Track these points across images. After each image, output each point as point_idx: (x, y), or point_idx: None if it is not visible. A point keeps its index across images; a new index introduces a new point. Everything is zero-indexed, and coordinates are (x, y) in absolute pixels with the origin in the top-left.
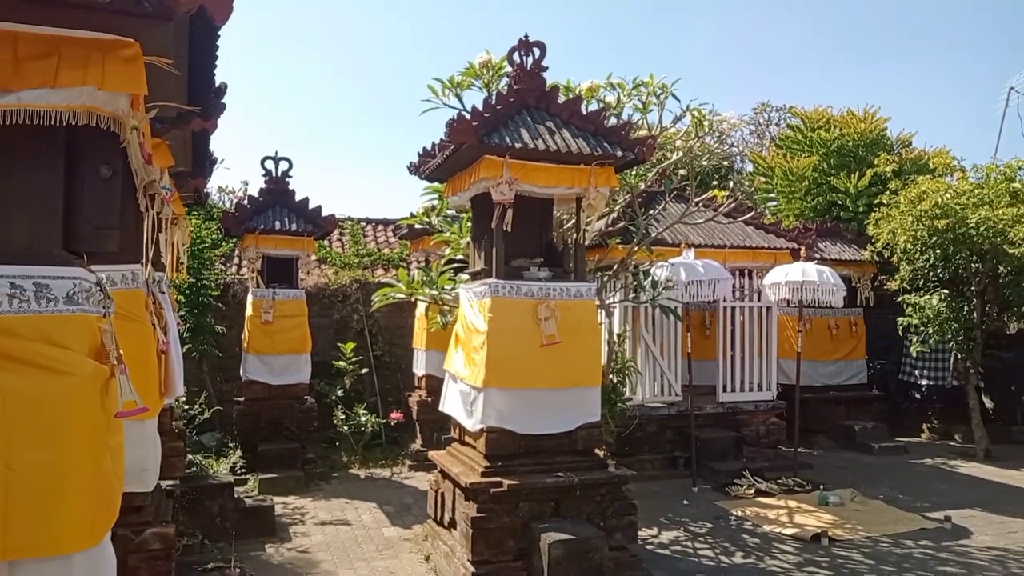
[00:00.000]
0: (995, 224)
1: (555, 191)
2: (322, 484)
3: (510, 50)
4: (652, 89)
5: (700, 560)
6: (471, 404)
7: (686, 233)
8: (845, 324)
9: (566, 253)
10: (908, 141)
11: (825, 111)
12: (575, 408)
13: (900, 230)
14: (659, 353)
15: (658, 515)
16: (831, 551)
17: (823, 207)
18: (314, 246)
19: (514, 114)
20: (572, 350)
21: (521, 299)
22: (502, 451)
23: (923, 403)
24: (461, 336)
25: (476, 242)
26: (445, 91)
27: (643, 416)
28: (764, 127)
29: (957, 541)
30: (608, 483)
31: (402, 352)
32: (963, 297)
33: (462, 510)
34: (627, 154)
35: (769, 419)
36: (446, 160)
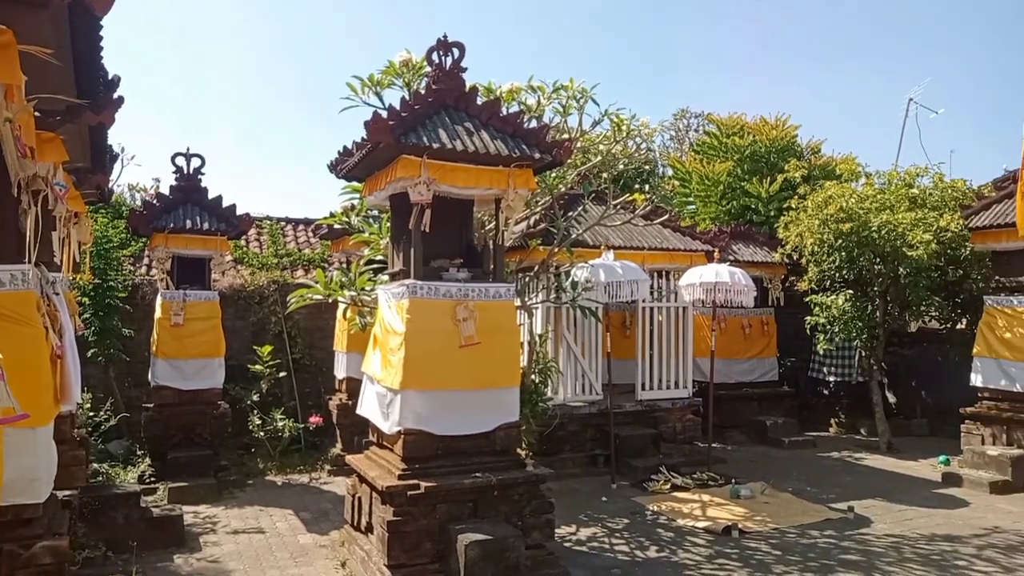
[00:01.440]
0: (895, 228)
1: (474, 192)
2: (236, 492)
3: (429, 50)
4: (572, 93)
5: (616, 555)
6: (388, 406)
7: (606, 235)
8: (757, 323)
9: (486, 254)
10: (817, 148)
11: (739, 118)
12: (494, 408)
13: (808, 233)
14: (580, 353)
15: (577, 512)
16: (741, 543)
17: (737, 211)
18: (228, 246)
19: (432, 114)
20: (491, 351)
21: (440, 300)
22: (420, 453)
23: (831, 399)
24: (379, 337)
25: (395, 242)
26: (365, 89)
27: (564, 415)
28: (684, 133)
29: (858, 530)
30: (526, 482)
31: (323, 355)
32: (867, 297)
33: (379, 514)
34: (545, 156)
35: (685, 416)
36: (363, 159)
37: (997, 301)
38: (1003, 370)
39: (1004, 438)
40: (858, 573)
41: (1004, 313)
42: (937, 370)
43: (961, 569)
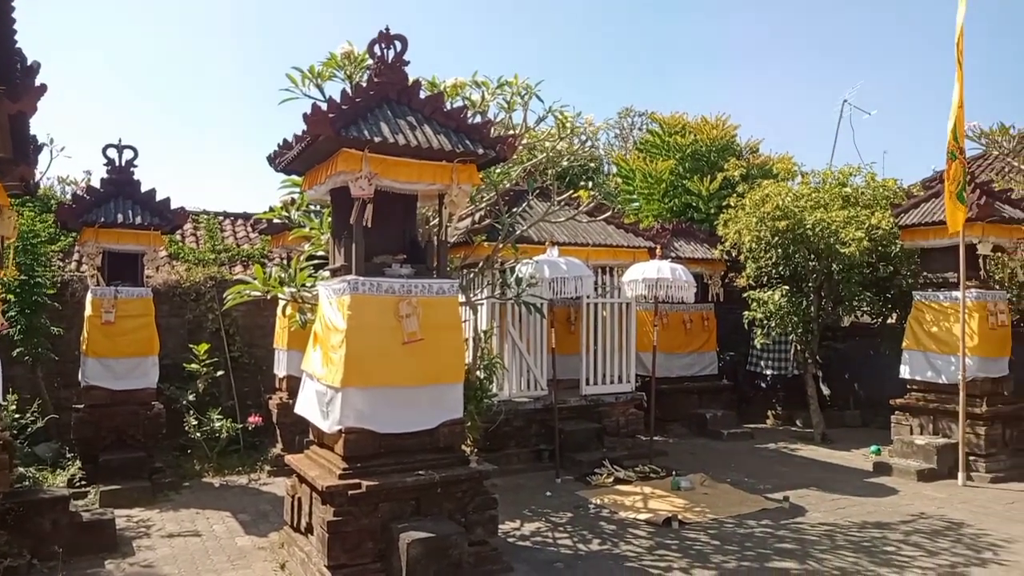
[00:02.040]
0: (829, 225)
1: (417, 187)
2: (171, 494)
3: (370, 42)
4: (517, 89)
5: (559, 549)
6: (328, 405)
7: (551, 231)
8: (698, 318)
9: (430, 250)
10: (755, 147)
11: (681, 117)
12: (437, 405)
13: (746, 230)
14: (526, 349)
15: (522, 508)
16: (681, 534)
17: (679, 208)
18: (162, 241)
19: (374, 107)
20: (434, 347)
21: (382, 296)
22: (361, 452)
23: (768, 391)
24: (319, 334)
25: (336, 238)
26: (305, 81)
27: (510, 411)
28: (628, 131)
29: (794, 519)
30: (470, 479)
31: (263, 353)
32: (802, 293)
33: (319, 514)
34: (489, 152)
35: (628, 410)
36: (303, 152)
37: (925, 296)
38: (930, 363)
39: (931, 428)
40: (793, 561)
41: (931, 308)
42: (869, 363)
43: (890, 555)
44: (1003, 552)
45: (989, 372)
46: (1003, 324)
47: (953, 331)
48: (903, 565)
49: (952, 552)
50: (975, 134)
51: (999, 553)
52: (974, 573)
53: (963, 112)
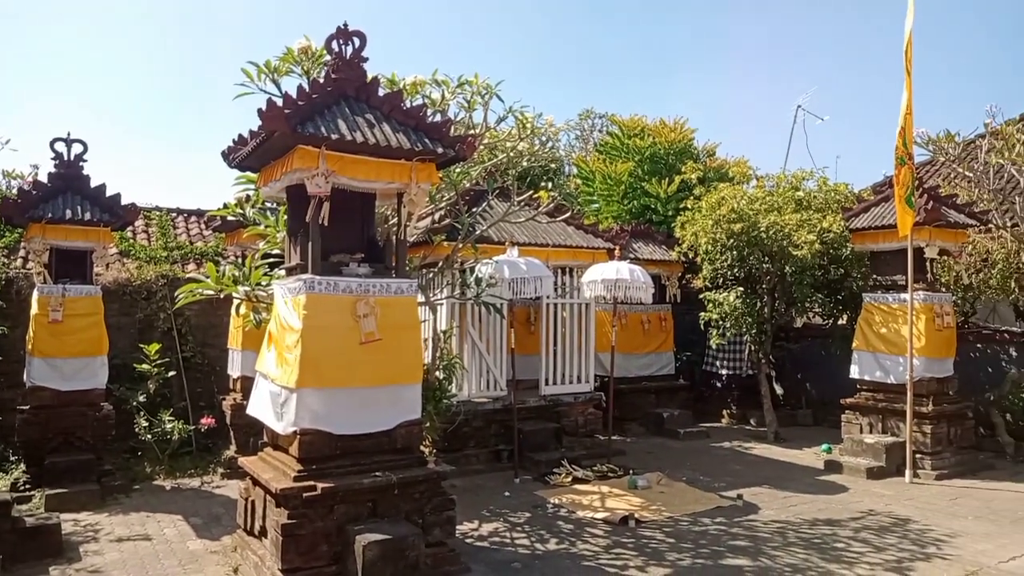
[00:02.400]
0: (782, 228)
1: (375, 185)
2: (121, 498)
3: (328, 38)
4: (477, 88)
5: (517, 549)
6: (283, 406)
7: (511, 232)
8: (656, 319)
9: (388, 249)
10: (712, 151)
11: (640, 120)
12: (395, 406)
13: (702, 233)
14: (485, 349)
15: (480, 508)
16: (637, 532)
17: (638, 210)
18: (112, 238)
19: (332, 104)
20: (392, 347)
21: (339, 296)
22: (317, 454)
23: (723, 391)
24: (274, 334)
25: (292, 236)
26: (261, 76)
27: (469, 411)
28: (588, 133)
29: (747, 516)
30: (427, 480)
31: (216, 353)
32: (756, 294)
33: (272, 517)
34: (448, 151)
35: (587, 410)
36: (258, 148)
37: (874, 298)
38: (879, 363)
39: (880, 426)
40: (746, 558)
41: (880, 309)
42: (820, 363)
43: (839, 551)
44: (946, 547)
45: (935, 372)
46: (948, 326)
47: (901, 332)
48: (852, 561)
49: (899, 548)
50: (923, 141)
51: (942, 548)
52: (919, 567)
53: (912, 119)
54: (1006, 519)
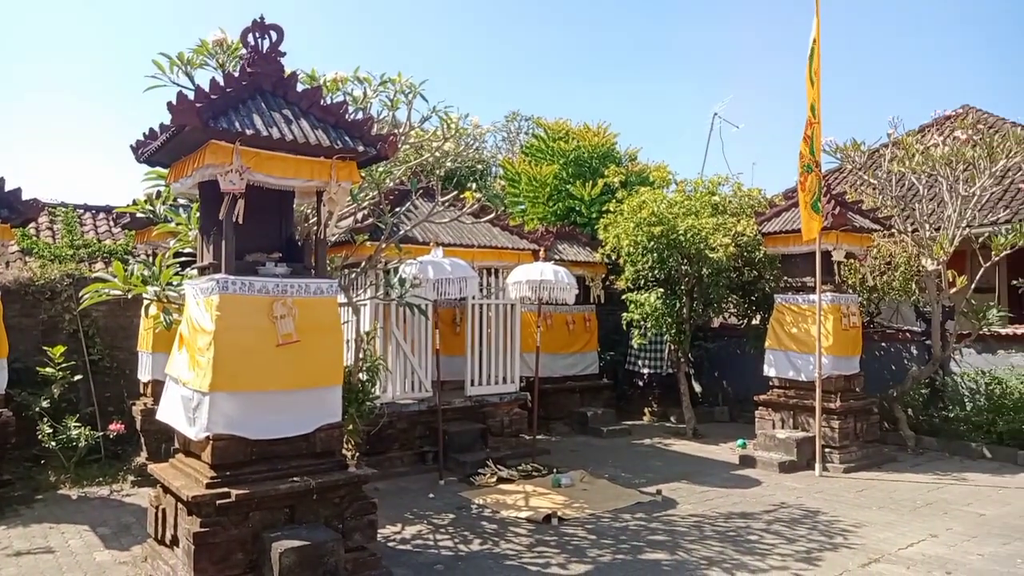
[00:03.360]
0: (699, 232)
1: (293, 183)
2: (21, 509)
3: (244, 31)
4: (400, 87)
5: (440, 551)
6: (195, 410)
7: (436, 232)
8: (580, 320)
9: (308, 248)
10: (634, 156)
11: (565, 123)
12: (314, 409)
13: (624, 235)
14: (410, 350)
15: (403, 511)
16: (560, 530)
17: (563, 212)
18: (12, 235)
19: (247, 98)
20: (311, 349)
21: (254, 296)
22: (231, 459)
23: (645, 389)
24: (186, 336)
25: (205, 234)
26: (173, 68)
27: (393, 413)
28: (515, 135)
29: (666, 511)
30: (348, 484)
31: (126, 356)
32: (675, 295)
33: (184, 526)
34: (370, 149)
35: (513, 410)
36: (168, 143)
37: (785, 299)
38: (790, 361)
39: (791, 422)
40: (664, 552)
41: (791, 310)
42: (736, 362)
43: (753, 543)
44: (852, 537)
45: (843, 370)
46: (855, 325)
47: (810, 332)
48: (765, 553)
49: (808, 539)
50: (831, 149)
51: (849, 538)
52: (827, 557)
53: (820, 127)
54: (906, 508)
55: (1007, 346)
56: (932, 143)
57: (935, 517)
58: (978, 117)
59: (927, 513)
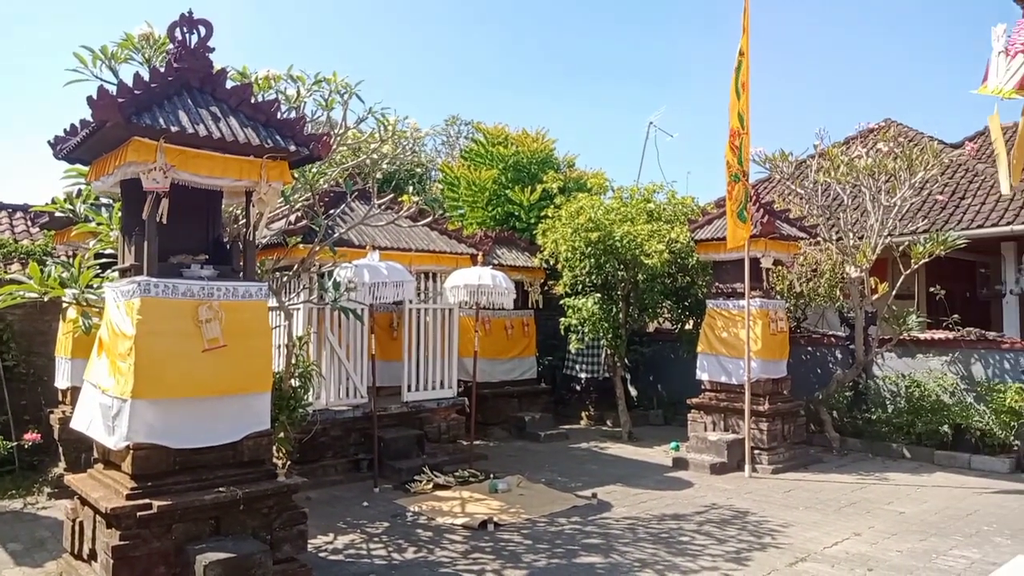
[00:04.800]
0: (635, 238)
1: (221, 182)
2: None
3: (171, 25)
4: (336, 87)
5: (373, 560)
6: (114, 418)
7: (373, 235)
8: (519, 324)
9: (236, 250)
10: (572, 162)
11: (503, 129)
12: (241, 416)
13: (562, 240)
14: (345, 355)
15: (336, 520)
16: (496, 536)
17: (502, 217)
18: None
19: (173, 94)
20: (239, 354)
21: (178, 300)
22: (153, 470)
23: (582, 394)
24: (106, 341)
25: (126, 234)
26: (97, 63)
27: (327, 420)
28: (455, 139)
29: (600, 515)
30: (276, 494)
31: (44, 362)
32: (612, 300)
33: (103, 539)
34: (302, 149)
35: (450, 415)
36: (88, 139)
37: (716, 304)
38: (721, 365)
39: (722, 425)
40: (598, 555)
41: (722, 315)
42: (671, 366)
43: (684, 544)
44: (780, 536)
45: (771, 374)
46: (782, 330)
47: (740, 336)
48: (696, 554)
49: (738, 539)
50: (760, 159)
51: (776, 537)
52: (755, 557)
53: (749, 137)
54: (831, 508)
55: (925, 350)
56: (856, 155)
57: (858, 516)
58: (899, 131)
59: (851, 512)
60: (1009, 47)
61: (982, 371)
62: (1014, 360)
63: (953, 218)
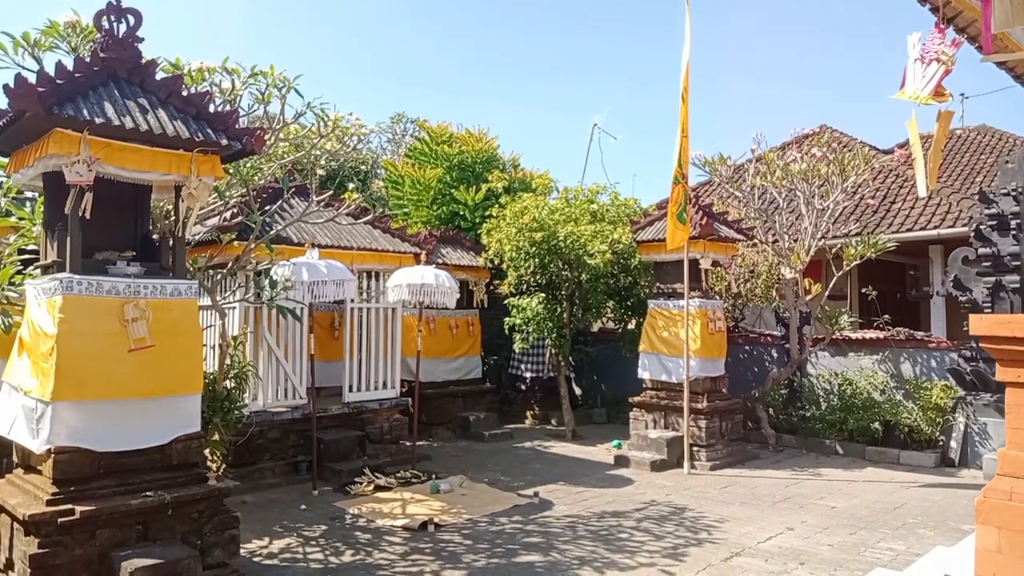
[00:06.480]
0: (578, 238)
1: (149, 176)
2: None
3: (98, 13)
4: (273, 80)
5: (309, 565)
6: (37, 421)
7: (313, 233)
8: (464, 324)
9: (166, 247)
10: (517, 162)
11: (446, 128)
12: (170, 419)
13: (506, 240)
14: (283, 355)
15: (272, 524)
16: (436, 536)
17: (447, 216)
18: None
19: (99, 85)
20: (167, 355)
21: (102, 297)
22: (76, 474)
23: (527, 393)
24: (27, 341)
25: (49, 230)
26: (18, 49)
27: (264, 422)
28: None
29: (541, 513)
30: (207, 498)
31: None
32: (556, 300)
33: (21, 548)
34: (234, 143)
35: (393, 416)
36: (5, 129)
37: (658, 304)
38: (662, 364)
39: (663, 423)
40: (538, 554)
41: (663, 315)
42: (614, 364)
43: (623, 541)
44: (716, 532)
45: (709, 372)
46: (720, 330)
47: (680, 335)
48: (634, 550)
49: (675, 535)
50: (700, 162)
51: (712, 533)
52: (692, 552)
53: (688, 141)
54: (766, 503)
55: (857, 349)
56: (791, 159)
57: (792, 511)
58: (833, 137)
59: (785, 507)
60: (924, 55)
61: (911, 369)
62: (940, 359)
63: (884, 222)
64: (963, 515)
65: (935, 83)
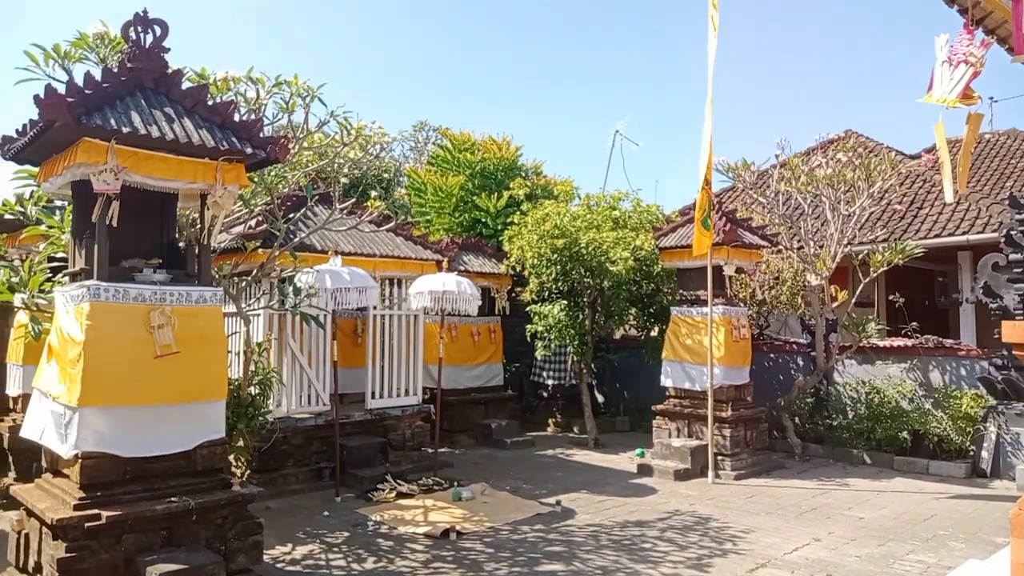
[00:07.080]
0: (600, 245)
1: (175, 185)
2: None
3: (125, 25)
4: (297, 90)
5: (332, 571)
6: (65, 427)
7: (336, 240)
8: (486, 331)
9: (191, 255)
10: (539, 169)
11: (469, 135)
12: (195, 425)
13: (528, 247)
14: (307, 362)
15: (296, 530)
16: (458, 544)
17: (469, 223)
18: None
19: (126, 95)
20: (192, 361)
21: (129, 304)
22: (102, 479)
23: (549, 401)
24: (55, 347)
25: (77, 238)
26: (49, 61)
27: (288, 428)
28: (423, 145)
29: (564, 522)
30: (231, 503)
31: None
32: (578, 307)
33: (49, 551)
34: (259, 152)
35: (415, 423)
36: (36, 139)
37: (681, 311)
38: (686, 372)
39: (686, 431)
40: (560, 563)
41: (686, 322)
42: (636, 372)
43: (647, 551)
44: (741, 542)
45: (733, 380)
46: (745, 337)
47: (704, 343)
48: (658, 561)
49: (700, 545)
50: (723, 168)
51: (738, 544)
52: (716, 563)
53: (712, 147)
54: (792, 514)
55: (885, 357)
56: (816, 164)
57: (819, 522)
58: (859, 142)
59: (811, 518)
60: (952, 57)
61: (940, 378)
62: (970, 367)
63: (911, 227)
64: (996, 527)
65: (963, 85)
